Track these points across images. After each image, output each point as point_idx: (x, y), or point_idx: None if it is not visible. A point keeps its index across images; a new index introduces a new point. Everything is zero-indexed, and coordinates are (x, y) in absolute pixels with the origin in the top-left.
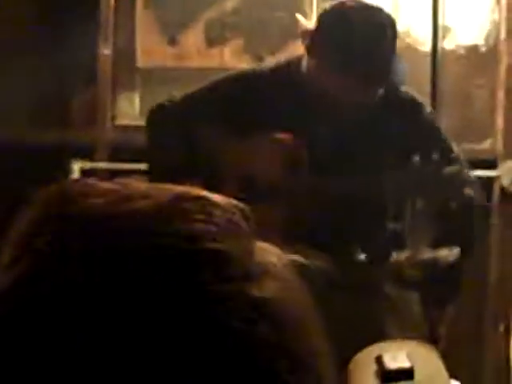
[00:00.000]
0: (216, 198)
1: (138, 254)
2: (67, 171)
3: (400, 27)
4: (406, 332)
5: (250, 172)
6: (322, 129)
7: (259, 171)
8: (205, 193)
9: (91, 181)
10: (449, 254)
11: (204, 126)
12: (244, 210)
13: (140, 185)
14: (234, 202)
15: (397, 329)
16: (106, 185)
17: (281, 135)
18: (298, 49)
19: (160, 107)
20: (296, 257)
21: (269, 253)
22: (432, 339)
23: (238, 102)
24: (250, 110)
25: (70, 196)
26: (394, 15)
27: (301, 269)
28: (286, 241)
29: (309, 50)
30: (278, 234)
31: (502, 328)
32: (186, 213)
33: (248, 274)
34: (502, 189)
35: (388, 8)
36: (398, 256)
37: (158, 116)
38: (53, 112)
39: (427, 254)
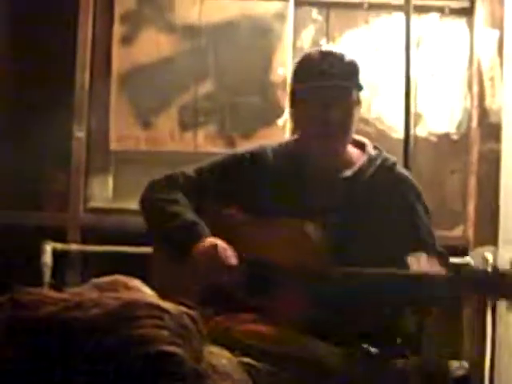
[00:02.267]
0: (166, 304)
1: (90, 358)
2: (40, 252)
3: (373, 114)
4: None
5: (264, 253)
6: (330, 211)
7: (275, 254)
8: (154, 300)
9: (43, 290)
10: (459, 367)
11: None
12: (193, 315)
13: (91, 293)
14: (183, 308)
15: None
16: (58, 294)
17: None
18: (270, 133)
19: (168, 178)
20: (247, 359)
21: (219, 355)
22: None
23: (246, 183)
24: (256, 191)
25: (22, 303)
26: (366, 101)
27: (251, 370)
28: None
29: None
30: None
31: None
32: (137, 319)
33: (199, 373)
34: None
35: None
36: (411, 360)
37: (163, 184)
38: (26, 194)
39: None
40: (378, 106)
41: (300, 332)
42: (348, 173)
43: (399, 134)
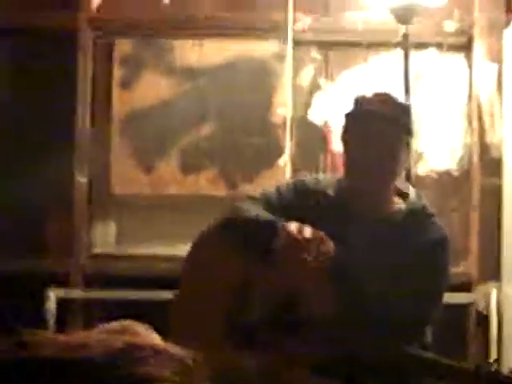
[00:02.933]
0: (170, 347)
1: None
2: (43, 298)
3: None
4: None
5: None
6: (352, 248)
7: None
8: (159, 343)
9: (44, 332)
10: None
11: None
12: (196, 358)
13: (92, 334)
14: (188, 351)
15: None
16: (61, 335)
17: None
18: (272, 174)
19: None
20: None
21: None
22: None
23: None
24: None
25: (24, 344)
26: None
27: None
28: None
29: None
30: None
31: None
32: (140, 359)
33: None
34: (478, 312)
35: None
36: None
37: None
38: (29, 239)
39: None
40: None
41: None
42: (382, 217)
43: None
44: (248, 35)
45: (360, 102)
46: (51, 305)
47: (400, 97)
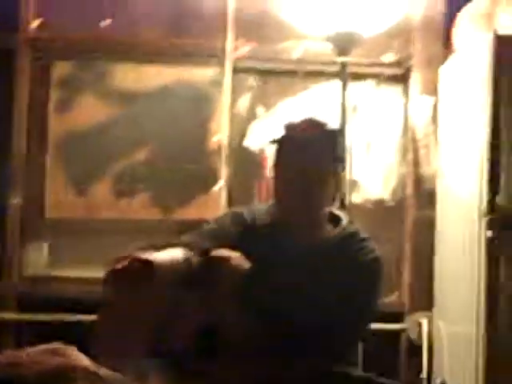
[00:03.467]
0: (100, 370)
1: None
2: None
3: None
4: None
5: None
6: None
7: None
8: (90, 365)
9: None
10: None
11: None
12: (125, 380)
13: (24, 354)
14: (117, 374)
15: None
16: None
17: None
18: (207, 200)
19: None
20: None
21: None
22: None
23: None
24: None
25: None
26: None
27: None
28: None
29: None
30: None
31: None
32: (73, 380)
33: None
34: (410, 341)
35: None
36: None
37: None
38: None
39: None
40: None
41: None
42: (314, 242)
43: (335, 201)
44: (187, 61)
45: (288, 128)
46: None
47: (330, 123)
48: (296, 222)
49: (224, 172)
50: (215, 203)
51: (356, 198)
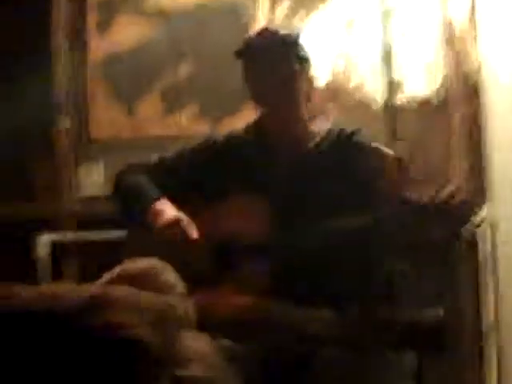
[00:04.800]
0: (143, 294)
1: (69, 343)
2: (35, 244)
3: (352, 84)
4: None
5: (227, 233)
6: (284, 181)
7: (236, 231)
8: (131, 290)
9: (14, 286)
10: (434, 313)
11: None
12: (170, 303)
13: (64, 285)
14: (159, 299)
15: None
16: (31, 286)
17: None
18: (253, 109)
19: (130, 167)
20: (226, 341)
21: (197, 339)
22: None
23: (206, 169)
24: (220, 175)
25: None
26: (345, 72)
27: (230, 352)
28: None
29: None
30: (259, 290)
31: None
32: (106, 308)
33: (174, 357)
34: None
35: (340, 66)
36: (387, 314)
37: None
38: (15, 186)
39: (415, 313)
40: (357, 76)
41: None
42: (303, 147)
43: (379, 103)
44: None
45: (247, 40)
46: (43, 249)
47: (288, 29)
48: (278, 127)
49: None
50: None
51: (400, 99)
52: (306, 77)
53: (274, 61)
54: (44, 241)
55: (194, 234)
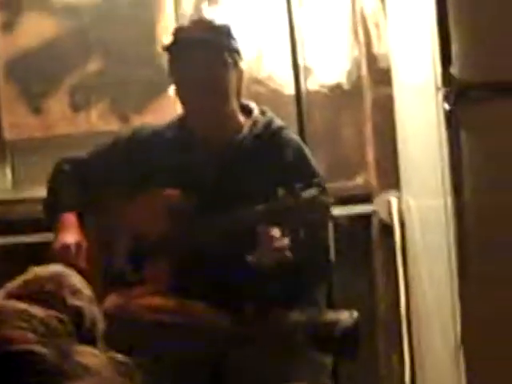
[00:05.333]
0: (35, 309)
1: None
2: None
3: (263, 74)
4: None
5: (139, 227)
6: (203, 177)
7: (147, 226)
8: (23, 305)
9: None
10: (348, 316)
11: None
12: (61, 318)
13: None
14: (54, 313)
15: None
16: None
17: (170, 192)
18: (162, 104)
19: (58, 165)
20: (118, 355)
21: (89, 354)
22: None
23: (122, 163)
24: (135, 169)
25: None
26: (255, 62)
27: (121, 366)
28: (171, 293)
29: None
30: (165, 286)
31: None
32: (2, 322)
33: (65, 371)
34: (381, 222)
35: (250, 55)
36: (298, 315)
37: (56, 171)
38: None
39: (329, 315)
40: (268, 64)
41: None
42: (230, 139)
43: (291, 90)
44: None
45: (177, 31)
46: None
47: (218, 19)
48: (204, 122)
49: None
50: (171, 106)
51: (311, 84)
52: (236, 70)
53: (207, 53)
54: None
55: (81, 263)
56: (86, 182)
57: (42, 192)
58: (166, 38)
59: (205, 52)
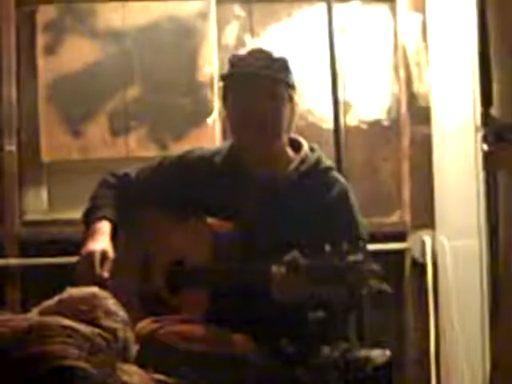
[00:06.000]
0: (81, 326)
1: (5, 372)
2: None
3: (303, 107)
4: None
5: (180, 254)
6: (248, 209)
7: (189, 252)
8: (69, 322)
9: None
10: (381, 354)
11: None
12: (106, 336)
13: (3, 316)
14: (98, 330)
15: None
16: None
17: (214, 221)
18: (201, 133)
19: (104, 178)
20: (161, 377)
21: (132, 372)
22: None
23: (172, 187)
24: (184, 195)
25: None
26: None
27: None
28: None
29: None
30: (202, 314)
31: None
32: (46, 337)
33: None
34: (413, 260)
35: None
36: (330, 352)
37: (100, 183)
38: None
39: (361, 352)
40: (308, 98)
41: (223, 329)
42: (277, 173)
43: (330, 124)
44: None
45: (234, 61)
46: None
47: (278, 51)
48: (255, 155)
49: (217, 104)
50: (209, 136)
51: (351, 120)
52: (291, 104)
53: (263, 85)
54: None
55: (104, 272)
56: (127, 197)
57: (76, 214)
58: (208, 67)
59: (261, 83)
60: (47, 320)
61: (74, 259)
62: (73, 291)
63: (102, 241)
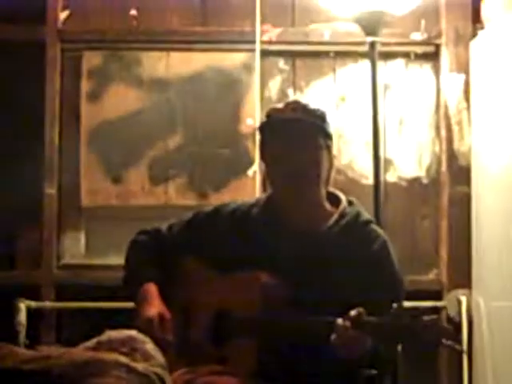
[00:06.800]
0: (136, 364)
1: None
2: (14, 311)
3: (343, 162)
4: None
5: (225, 306)
6: (291, 263)
7: (234, 305)
8: (125, 359)
9: (13, 346)
10: None
11: (181, 257)
12: (161, 374)
13: (57, 349)
14: (151, 368)
15: None
16: (25, 349)
17: (262, 274)
18: (241, 184)
19: (133, 238)
20: None
21: None
22: None
23: (217, 239)
24: (229, 247)
25: None
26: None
27: None
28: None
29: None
30: (246, 368)
31: None
32: (102, 373)
33: None
34: (449, 319)
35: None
36: None
37: (131, 244)
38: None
39: None
40: (348, 153)
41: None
42: (317, 227)
43: (370, 180)
44: (215, 47)
45: (271, 113)
46: (22, 317)
47: (314, 104)
48: (293, 205)
49: (257, 156)
50: (250, 187)
51: (390, 176)
52: (329, 156)
53: (301, 135)
54: (23, 308)
55: (167, 335)
56: (163, 254)
57: (114, 260)
58: (250, 119)
59: (299, 133)
60: (101, 355)
61: (109, 304)
62: (112, 333)
63: (155, 305)
